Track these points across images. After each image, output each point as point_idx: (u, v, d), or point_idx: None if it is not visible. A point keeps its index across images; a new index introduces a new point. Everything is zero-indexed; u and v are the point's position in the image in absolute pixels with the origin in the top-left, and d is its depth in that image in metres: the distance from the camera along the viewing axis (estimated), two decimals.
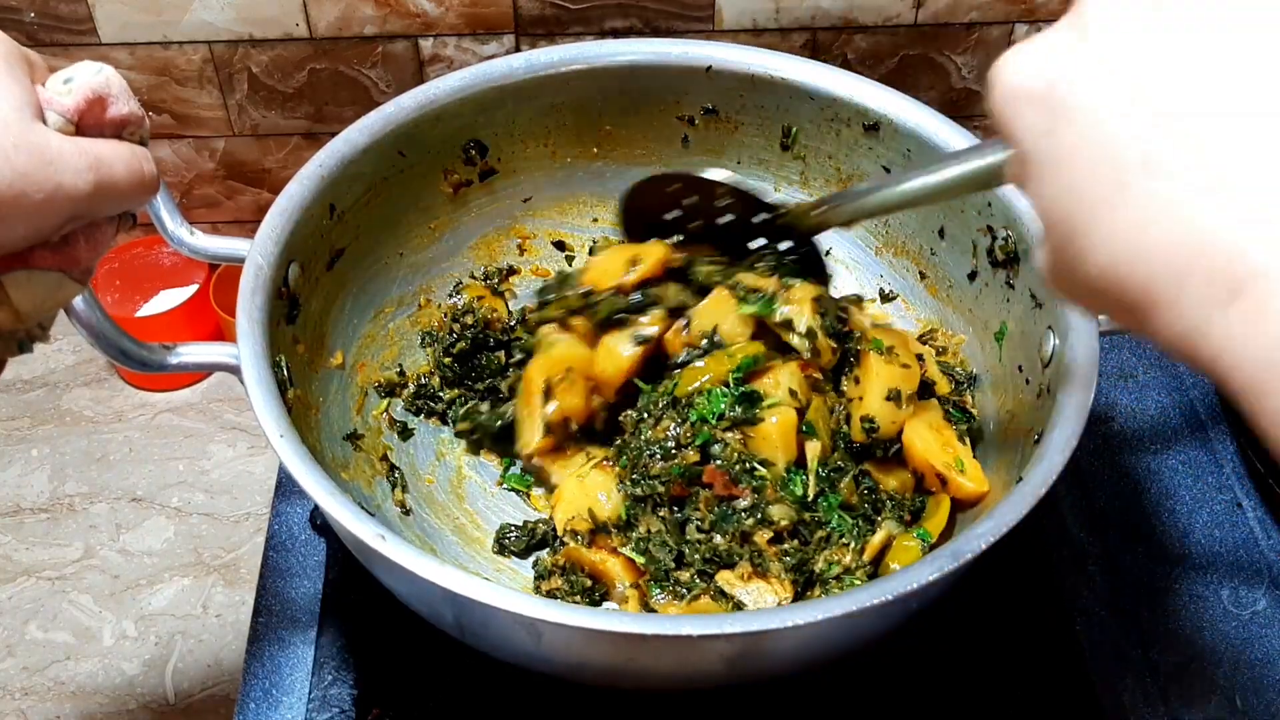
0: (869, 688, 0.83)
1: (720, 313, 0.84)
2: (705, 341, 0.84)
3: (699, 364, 0.83)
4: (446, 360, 0.94)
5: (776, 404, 0.80)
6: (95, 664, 1.10)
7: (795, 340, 0.82)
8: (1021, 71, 0.41)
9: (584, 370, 0.87)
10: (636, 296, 0.87)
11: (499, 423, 0.90)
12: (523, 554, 0.86)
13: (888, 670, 0.83)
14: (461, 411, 0.93)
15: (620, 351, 0.86)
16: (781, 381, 0.81)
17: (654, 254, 0.88)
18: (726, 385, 0.81)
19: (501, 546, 0.86)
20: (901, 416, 0.82)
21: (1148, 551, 0.94)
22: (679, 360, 0.85)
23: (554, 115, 0.96)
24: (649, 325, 0.86)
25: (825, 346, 0.82)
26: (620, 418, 0.85)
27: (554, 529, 0.84)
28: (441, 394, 0.94)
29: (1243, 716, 0.85)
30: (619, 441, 0.84)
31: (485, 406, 0.92)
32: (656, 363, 0.87)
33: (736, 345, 0.83)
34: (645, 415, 0.83)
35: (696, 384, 0.81)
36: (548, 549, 0.86)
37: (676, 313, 0.86)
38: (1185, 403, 1.04)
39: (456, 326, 0.95)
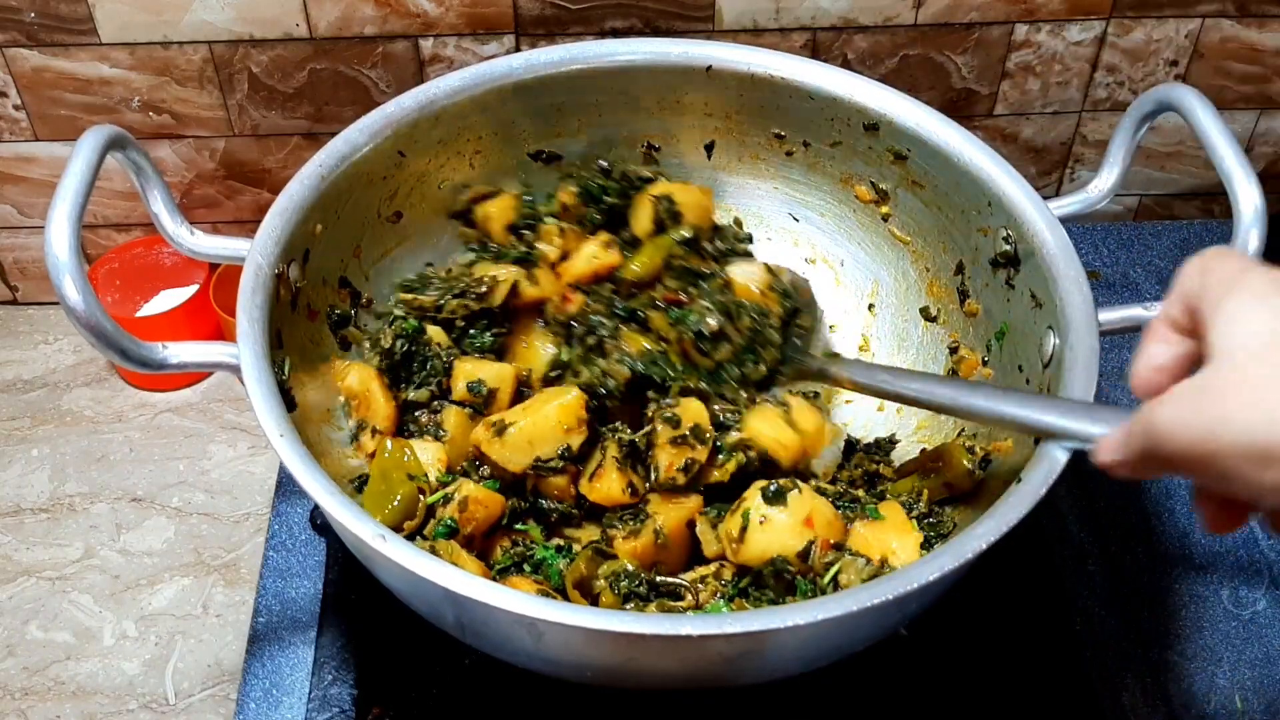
0: (869, 688, 0.83)
1: None
2: None
3: None
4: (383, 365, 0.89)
5: None
6: (95, 664, 1.10)
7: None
8: None
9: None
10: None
11: None
12: None
13: (888, 670, 0.83)
14: None
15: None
16: None
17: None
18: None
19: None
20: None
21: (1148, 551, 0.94)
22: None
23: (554, 115, 0.96)
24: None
25: None
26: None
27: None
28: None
29: (1243, 716, 0.85)
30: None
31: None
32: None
33: None
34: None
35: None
36: None
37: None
38: None
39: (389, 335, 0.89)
